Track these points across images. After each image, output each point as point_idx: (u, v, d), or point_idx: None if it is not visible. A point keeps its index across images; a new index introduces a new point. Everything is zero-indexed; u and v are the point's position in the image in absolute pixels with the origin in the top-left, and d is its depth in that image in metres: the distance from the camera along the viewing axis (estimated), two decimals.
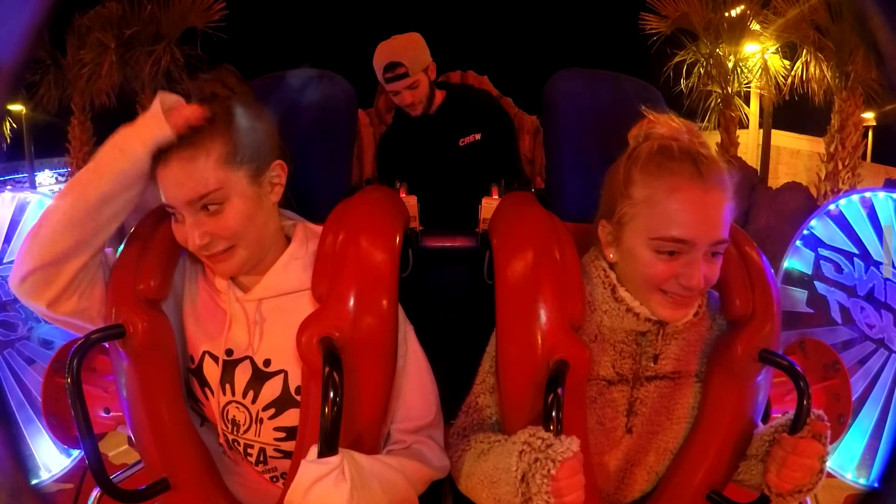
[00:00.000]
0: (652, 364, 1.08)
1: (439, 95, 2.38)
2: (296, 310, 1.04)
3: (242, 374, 1.07)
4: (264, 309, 1.08)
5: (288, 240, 1.11)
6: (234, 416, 1.08)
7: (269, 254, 1.08)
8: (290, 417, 1.06)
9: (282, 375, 1.06)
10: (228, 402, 1.08)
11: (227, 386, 1.07)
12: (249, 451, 1.09)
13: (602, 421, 1.09)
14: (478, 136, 2.35)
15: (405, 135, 2.42)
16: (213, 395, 1.08)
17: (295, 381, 1.06)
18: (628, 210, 0.99)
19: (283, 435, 1.07)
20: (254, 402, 1.07)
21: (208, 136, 0.98)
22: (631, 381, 1.08)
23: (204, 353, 1.08)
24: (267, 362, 1.07)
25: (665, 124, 1.01)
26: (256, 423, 1.08)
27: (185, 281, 1.12)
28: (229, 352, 1.07)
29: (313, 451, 0.91)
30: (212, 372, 1.08)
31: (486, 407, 1.12)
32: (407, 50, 2.25)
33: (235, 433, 1.09)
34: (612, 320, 1.05)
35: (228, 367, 1.07)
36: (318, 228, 1.11)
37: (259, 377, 1.07)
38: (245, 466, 1.13)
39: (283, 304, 1.07)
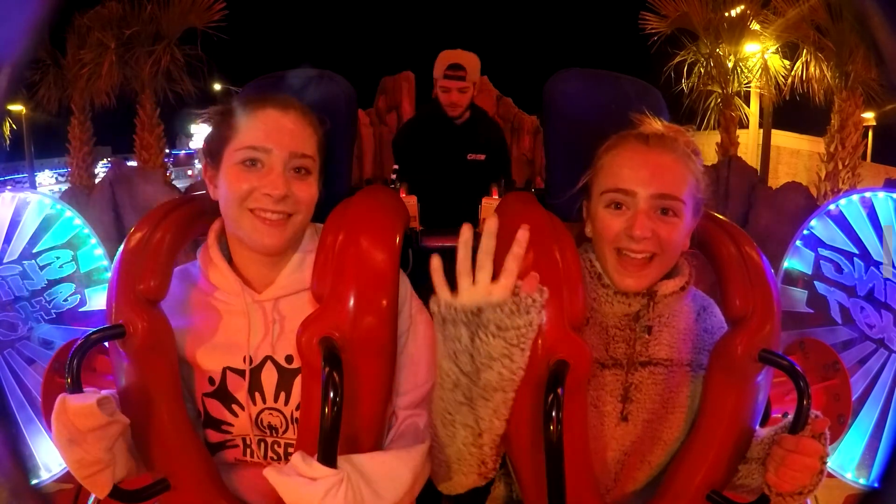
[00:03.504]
0: (645, 335, 1.09)
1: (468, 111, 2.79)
2: (313, 305, 1.05)
3: (269, 378, 1.07)
4: (282, 307, 1.08)
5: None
6: (269, 422, 1.08)
7: (293, 247, 1.09)
8: None
9: None
10: (261, 411, 1.07)
11: (257, 395, 1.07)
12: (290, 450, 1.08)
13: (596, 404, 1.10)
14: (482, 158, 2.80)
15: (428, 134, 2.78)
16: (244, 409, 1.07)
17: None
18: (591, 180, 1.10)
19: None
20: (286, 403, 1.07)
21: (318, 120, 1.09)
22: (625, 365, 1.10)
23: (224, 369, 1.07)
24: (289, 358, 1.07)
25: (647, 122, 1.09)
26: (293, 424, 1.07)
27: (182, 308, 1.09)
28: (249, 359, 1.07)
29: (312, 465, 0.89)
30: (237, 385, 1.07)
31: None
32: (471, 62, 2.69)
33: (275, 435, 1.09)
34: (603, 306, 1.09)
35: (254, 375, 1.07)
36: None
37: (286, 376, 1.07)
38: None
39: (300, 301, 1.07)
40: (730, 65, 9.91)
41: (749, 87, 10.27)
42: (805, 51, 9.15)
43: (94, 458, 0.90)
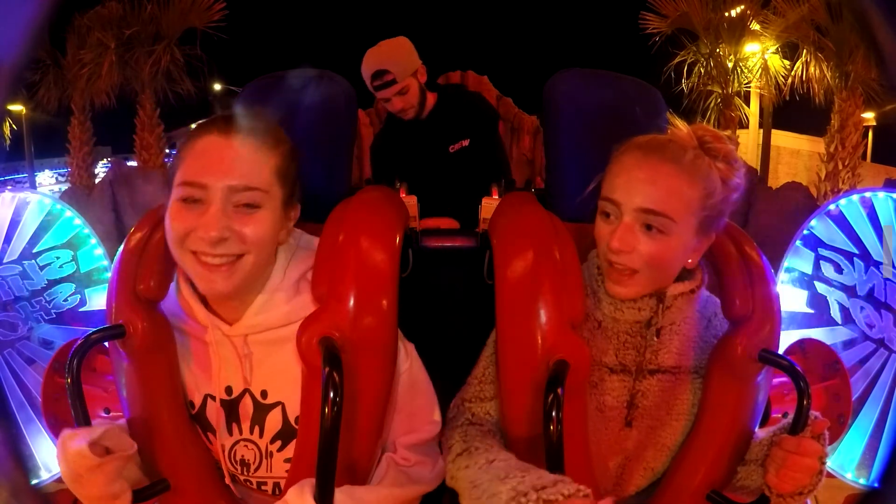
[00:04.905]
0: (655, 339, 1.08)
1: (431, 99, 2.36)
2: (283, 342, 1.02)
3: (246, 410, 1.05)
4: (251, 343, 1.04)
5: None
6: (242, 456, 1.07)
7: (257, 283, 1.03)
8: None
9: (280, 407, 1.05)
10: (236, 442, 1.06)
11: (234, 425, 1.06)
12: (263, 487, 1.08)
13: (601, 408, 1.09)
14: (466, 143, 2.37)
15: (397, 139, 2.43)
16: (217, 438, 1.06)
17: (293, 411, 1.04)
18: (601, 184, 1.06)
19: None
20: (261, 436, 1.06)
21: (273, 141, 0.98)
22: (633, 372, 1.09)
23: (206, 396, 1.06)
24: (264, 394, 1.05)
25: (672, 129, 1.05)
26: (266, 458, 1.06)
27: (171, 328, 1.06)
28: (229, 389, 1.05)
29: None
30: (215, 414, 1.06)
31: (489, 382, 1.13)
32: (393, 56, 2.23)
33: (246, 473, 1.07)
34: (615, 313, 1.07)
35: (232, 406, 1.05)
36: (310, 240, 1.10)
37: (261, 409, 1.05)
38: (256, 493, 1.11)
39: (270, 338, 1.04)
40: (730, 65, 9.93)
41: (749, 87, 10.29)
42: (805, 51, 9.17)
43: (101, 492, 0.90)
